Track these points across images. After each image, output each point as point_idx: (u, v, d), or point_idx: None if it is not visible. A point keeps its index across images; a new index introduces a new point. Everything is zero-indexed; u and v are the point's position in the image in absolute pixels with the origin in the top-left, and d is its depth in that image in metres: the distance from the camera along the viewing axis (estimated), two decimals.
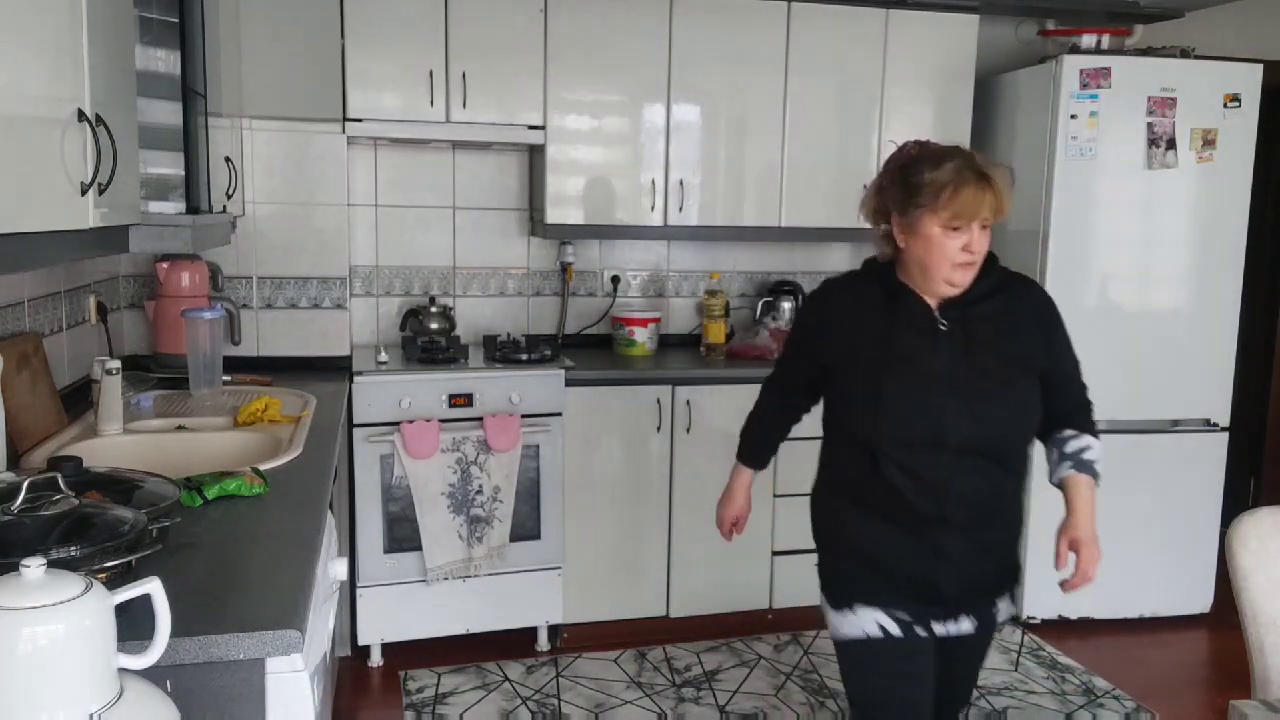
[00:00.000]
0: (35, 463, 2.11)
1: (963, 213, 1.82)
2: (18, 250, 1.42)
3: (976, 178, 1.82)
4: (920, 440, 1.89)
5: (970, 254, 1.86)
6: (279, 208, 3.43)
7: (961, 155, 1.86)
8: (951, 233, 1.85)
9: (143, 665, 1.11)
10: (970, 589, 1.98)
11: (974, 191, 1.82)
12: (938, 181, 1.83)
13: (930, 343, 1.91)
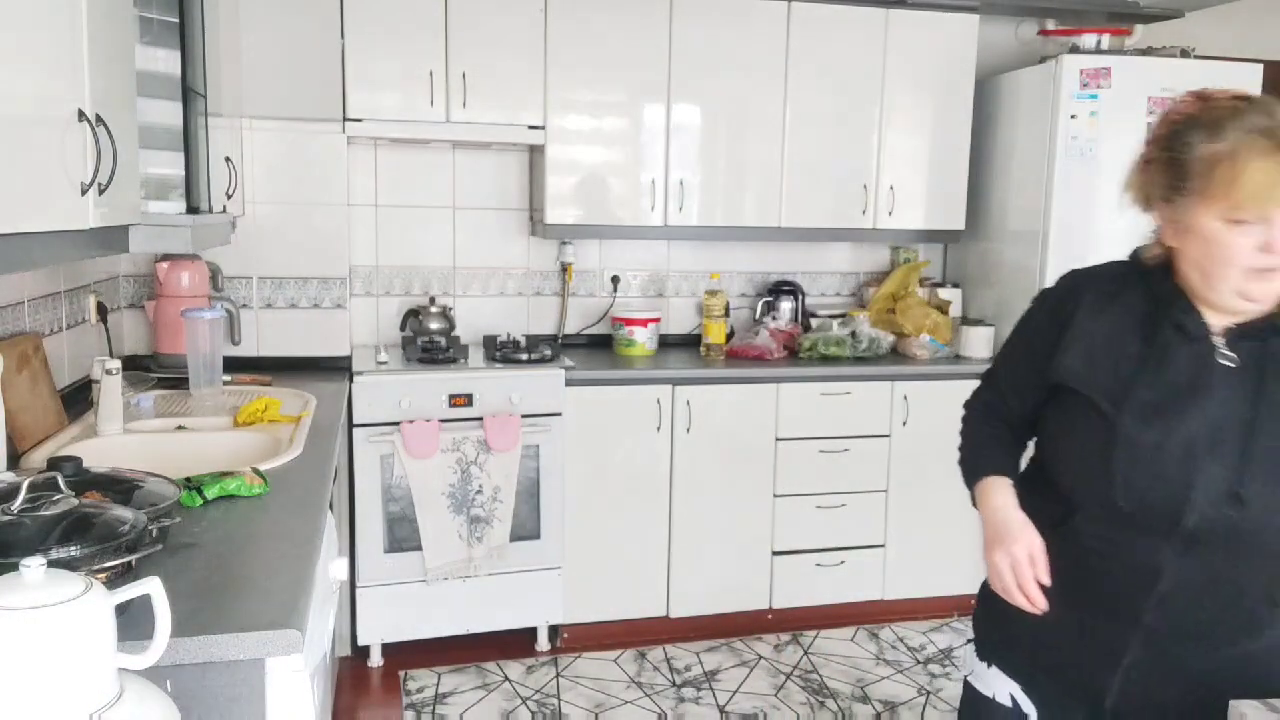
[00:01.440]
0: (35, 463, 2.11)
1: (1252, 198, 1.30)
2: (18, 250, 1.42)
3: (1275, 146, 1.32)
4: (1145, 512, 1.39)
5: (1273, 257, 1.30)
6: (279, 208, 3.43)
7: (1258, 110, 1.38)
8: (1238, 226, 1.32)
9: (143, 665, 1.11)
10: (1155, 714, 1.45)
11: (1269, 166, 1.30)
12: (1214, 155, 1.36)
13: (1203, 380, 1.38)
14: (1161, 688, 1.44)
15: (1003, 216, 4.02)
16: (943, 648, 3.62)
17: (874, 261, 4.39)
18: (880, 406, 3.79)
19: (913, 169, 3.96)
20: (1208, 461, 1.35)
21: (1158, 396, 1.39)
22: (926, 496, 3.87)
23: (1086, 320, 1.52)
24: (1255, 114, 1.37)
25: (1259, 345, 1.38)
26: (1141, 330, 1.44)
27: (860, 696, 3.26)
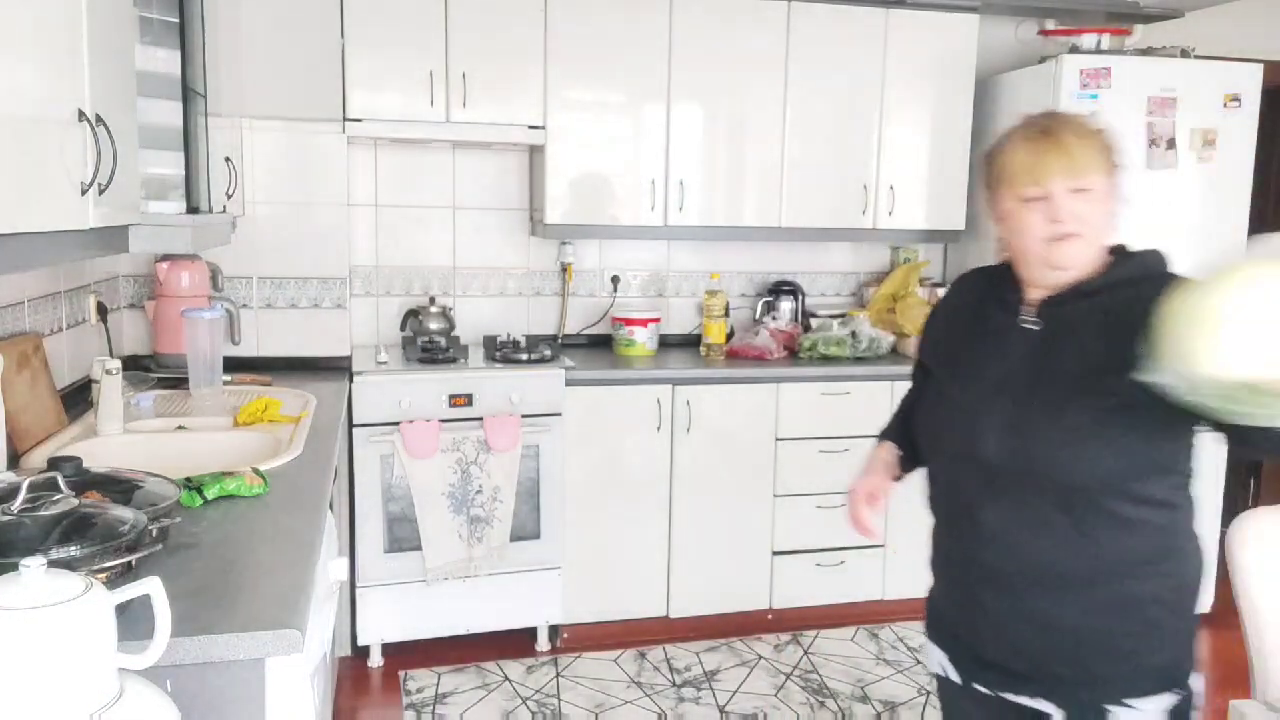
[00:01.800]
0: (35, 463, 2.11)
1: (1021, 175, 1.53)
2: (18, 250, 1.42)
3: (1038, 135, 1.55)
4: (955, 454, 1.63)
5: (1058, 224, 1.53)
6: (279, 208, 3.43)
7: (1041, 116, 1.60)
8: (1029, 204, 1.54)
9: (143, 665, 1.11)
10: (1030, 662, 1.61)
11: (1032, 148, 1.54)
12: (1001, 148, 1.59)
13: (1007, 342, 1.61)
14: (1022, 636, 1.59)
15: None
16: None
17: (874, 261, 4.39)
18: (880, 406, 3.78)
19: (913, 169, 3.96)
20: (996, 403, 1.56)
21: (972, 359, 1.65)
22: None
23: (947, 308, 1.82)
24: (1037, 117, 1.61)
25: (1058, 309, 1.58)
26: (978, 310, 1.69)
27: (860, 696, 3.26)
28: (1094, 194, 1.56)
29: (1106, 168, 1.59)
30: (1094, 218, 1.56)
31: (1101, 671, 1.56)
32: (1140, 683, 1.56)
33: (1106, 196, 1.59)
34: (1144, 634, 1.56)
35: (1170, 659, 1.59)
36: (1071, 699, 1.58)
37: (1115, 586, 1.54)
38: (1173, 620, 1.59)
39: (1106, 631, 1.55)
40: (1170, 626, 1.59)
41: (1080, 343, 1.53)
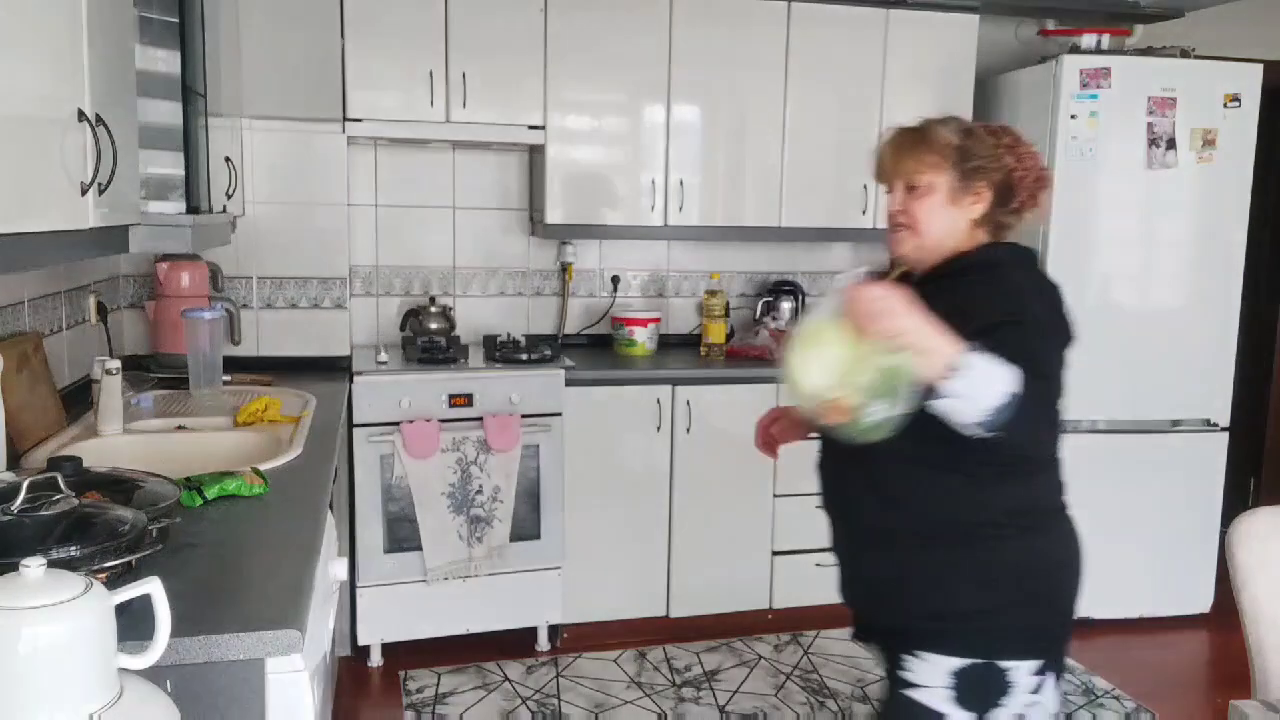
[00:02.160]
0: (35, 463, 2.11)
1: (880, 172, 1.80)
2: (18, 250, 1.42)
3: (896, 136, 1.77)
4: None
5: (890, 214, 1.79)
6: (279, 208, 3.43)
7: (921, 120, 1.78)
8: (888, 195, 1.81)
9: (143, 665, 1.11)
10: (864, 614, 1.84)
11: (888, 149, 1.77)
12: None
13: None
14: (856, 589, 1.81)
15: None
16: None
17: (874, 261, 4.39)
18: None
19: None
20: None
21: None
22: None
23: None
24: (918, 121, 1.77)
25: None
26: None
27: (860, 696, 3.26)
28: (927, 193, 1.72)
29: (950, 172, 1.70)
30: (922, 215, 1.73)
31: (902, 622, 1.72)
32: (932, 639, 1.68)
33: (946, 198, 1.72)
34: (942, 594, 1.67)
35: (973, 626, 1.66)
36: (886, 647, 1.79)
37: (917, 546, 1.68)
38: (986, 593, 1.66)
39: (907, 585, 1.70)
40: (982, 598, 1.66)
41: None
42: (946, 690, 1.67)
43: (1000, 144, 1.72)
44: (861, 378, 1.51)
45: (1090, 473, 3.84)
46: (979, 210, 1.72)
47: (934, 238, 1.73)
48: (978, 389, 1.47)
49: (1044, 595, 1.71)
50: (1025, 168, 1.72)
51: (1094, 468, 3.85)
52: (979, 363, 1.47)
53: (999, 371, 1.48)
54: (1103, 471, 3.86)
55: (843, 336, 1.53)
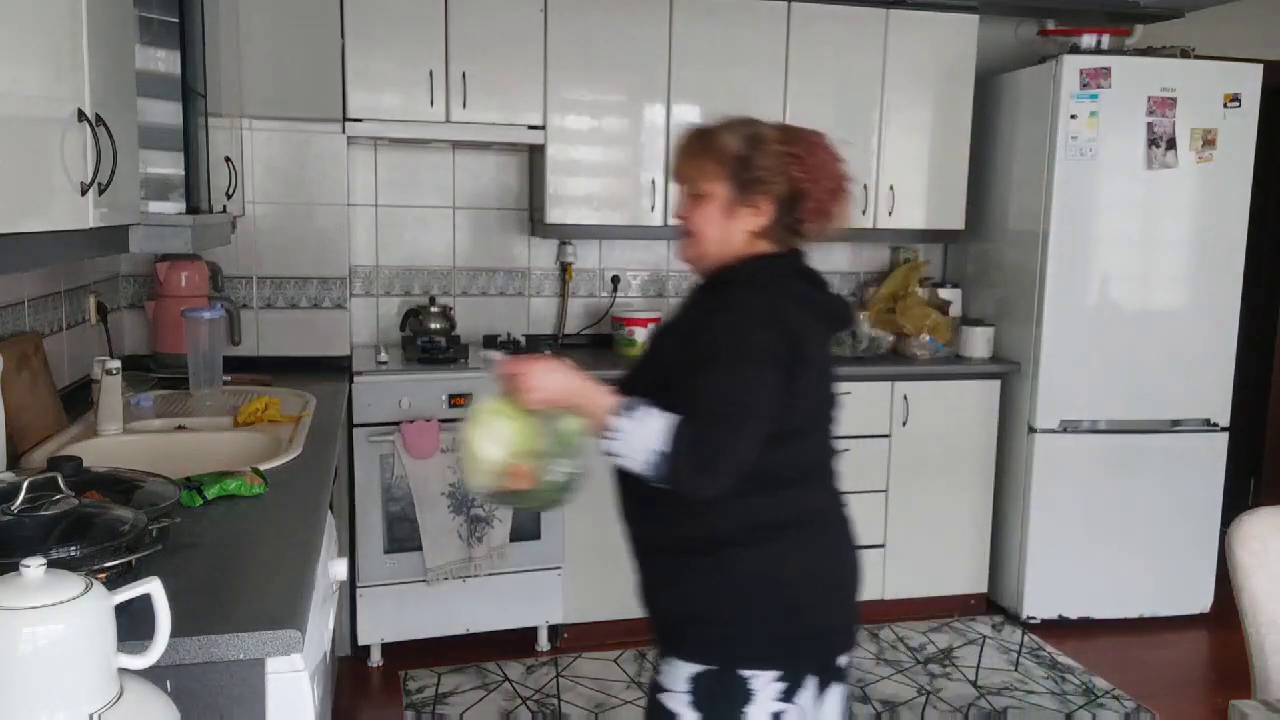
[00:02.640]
0: (35, 463, 2.11)
1: (672, 172, 1.79)
2: (18, 250, 1.42)
3: (685, 138, 1.74)
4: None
5: (678, 219, 1.75)
6: (279, 208, 3.43)
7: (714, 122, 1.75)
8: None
9: (143, 665, 1.11)
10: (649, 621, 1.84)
11: (676, 150, 1.75)
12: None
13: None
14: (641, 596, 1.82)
15: (1003, 216, 4.02)
16: (943, 648, 3.62)
17: (874, 261, 4.39)
18: (880, 406, 3.79)
19: (913, 169, 3.96)
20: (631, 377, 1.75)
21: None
22: (926, 496, 3.87)
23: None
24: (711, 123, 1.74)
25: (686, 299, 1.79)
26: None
27: (860, 696, 3.26)
28: (705, 201, 1.69)
29: (728, 182, 1.67)
30: (699, 222, 1.70)
31: (655, 626, 1.80)
32: (674, 645, 1.74)
33: (723, 206, 1.68)
34: (680, 603, 1.72)
35: (714, 633, 1.67)
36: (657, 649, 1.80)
37: (663, 553, 1.74)
38: (725, 603, 1.67)
39: (655, 594, 1.78)
40: (721, 609, 1.67)
41: (671, 325, 1.78)
42: (685, 695, 1.69)
43: (789, 154, 1.66)
44: (535, 444, 1.60)
45: (1090, 473, 3.87)
46: (757, 223, 1.69)
47: (710, 246, 1.71)
48: (631, 448, 1.56)
49: (784, 606, 1.68)
50: (814, 179, 1.68)
51: (1094, 468, 3.86)
52: (629, 425, 1.55)
53: (650, 431, 1.54)
54: (1103, 471, 3.86)
55: (512, 410, 1.62)
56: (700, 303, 1.72)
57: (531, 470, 1.61)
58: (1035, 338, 3.80)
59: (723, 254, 1.71)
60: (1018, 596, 3.91)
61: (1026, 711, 3.18)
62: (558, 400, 1.60)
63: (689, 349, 1.63)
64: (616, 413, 1.57)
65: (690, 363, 1.60)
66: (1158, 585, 3.96)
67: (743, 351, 1.60)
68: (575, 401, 1.60)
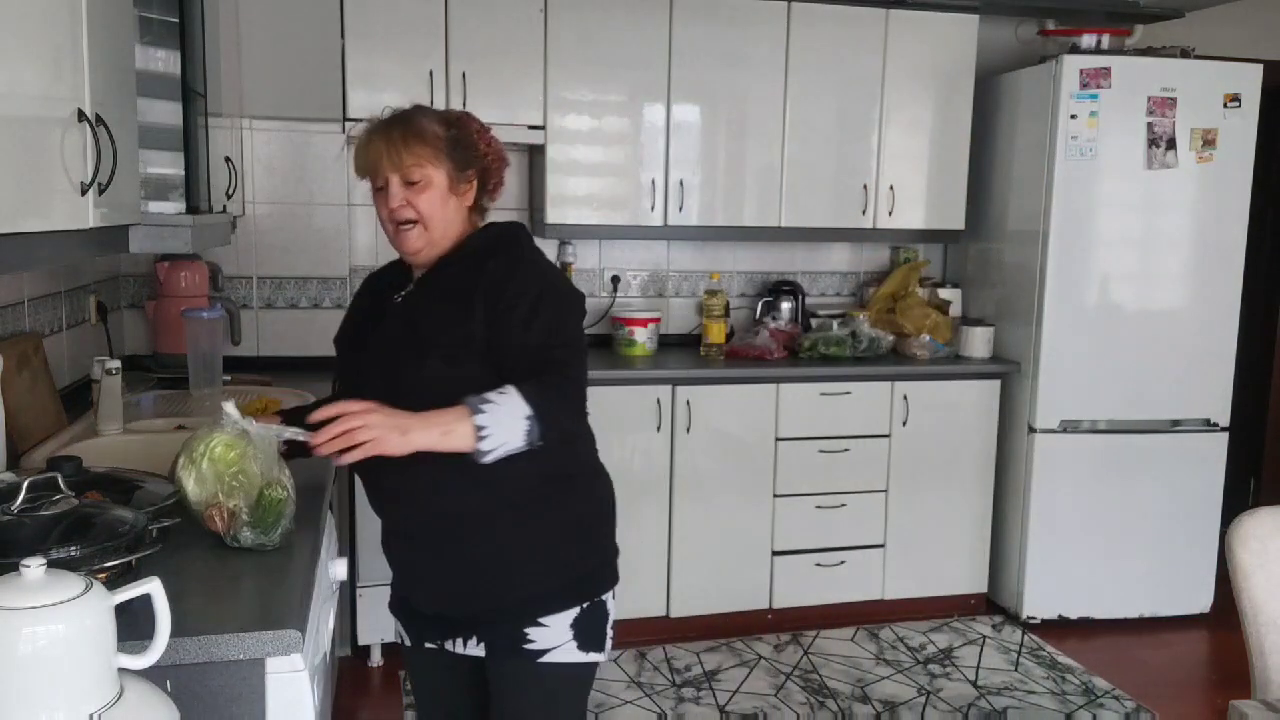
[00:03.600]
0: (35, 463, 2.11)
1: (364, 169, 1.72)
2: (18, 250, 1.42)
3: (380, 129, 1.70)
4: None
5: (394, 211, 1.69)
6: (279, 208, 3.43)
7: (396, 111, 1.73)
8: (380, 194, 1.72)
9: (143, 665, 1.11)
10: (457, 607, 1.76)
11: (370, 143, 1.69)
12: (357, 142, 1.74)
13: (385, 318, 1.78)
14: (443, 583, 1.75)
15: (1003, 216, 4.02)
16: (943, 648, 3.62)
17: (874, 261, 4.39)
18: (880, 406, 3.79)
19: (913, 169, 3.96)
20: (373, 371, 1.72)
21: (362, 339, 1.82)
22: (926, 496, 3.87)
23: (355, 303, 1.98)
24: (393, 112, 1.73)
25: (425, 282, 1.76)
26: (375, 299, 1.86)
27: (860, 696, 3.26)
28: (429, 186, 1.69)
29: (446, 163, 1.70)
30: (429, 208, 1.69)
31: (514, 599, 1.72)
32: (549, 603, 1.73)
33: (444, 191, 1.71)
34: (545, 560, 1.73)
35: (575, 577, 1.76)
36: (492, 631, 1.74)
37: (513, 520, 1.70)
38: (573, 543, 1.77)
39: (510, 562, 1.71)
40: (572, 549, 1.76)
41: (434, 308, 1.71)
42: (572, 642, 1.74)
43: (475, 130, 1.76)
44: (233, 500, 1.60)
45: (1090, 473, 3.87)
46: (471, 197, 1.75)
47: (441, 230, 1.72)
48: (505, 432, 1.54)
49: (607, 525, 1.86)
50: (494, 151, 1.78)
51: (1094, 468, 3.86)
52: (491, 411, 1.54)
53: (510, 403, 1.55)
54: (1103, 471, 3.86)
55: (224, 455, 1.61)
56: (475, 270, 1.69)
57: (224, 522, 1.60)
58: (1035, 338, 3.80)
59: (449, 236, 1.74)
60: (1017, 596, 3.91)
61: (1026, 711, 3.18)
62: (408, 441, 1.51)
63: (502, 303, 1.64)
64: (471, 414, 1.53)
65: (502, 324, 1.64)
66: (1158, 585, 3.96)
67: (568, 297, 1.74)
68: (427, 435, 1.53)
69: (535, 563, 1.73)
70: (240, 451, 1.62)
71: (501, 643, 1.74)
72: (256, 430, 1.65)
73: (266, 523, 1.61)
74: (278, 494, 1.61)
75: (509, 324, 1.64)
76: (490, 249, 1.74)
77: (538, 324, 1.65)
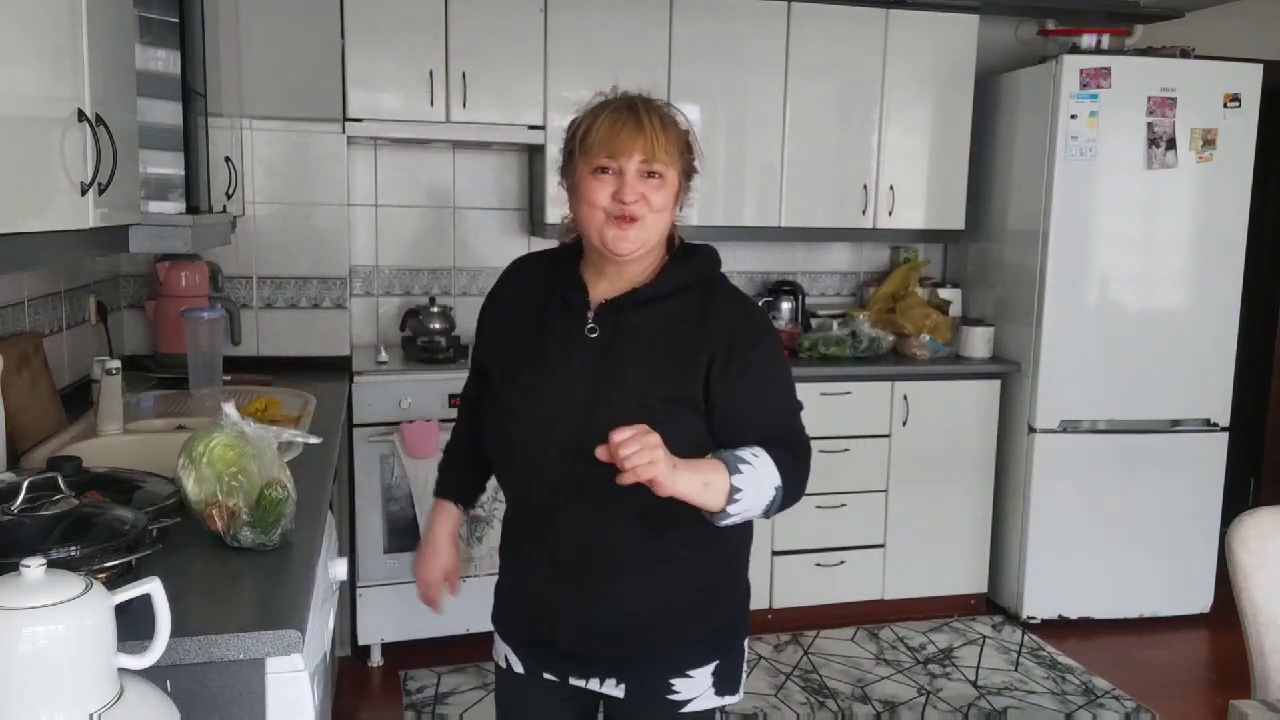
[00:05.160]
0: (35, 463, 2.11)
1: (602, 143, 1.51)
2: (18, 250, 1.42)
3: (625, 108, 1.56)
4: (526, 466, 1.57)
5: (622, 203, 1.49)
6: (279, 208, 3.43)
7: (634, 96, 1.62)
8: (600, 175, 1.51)
9: (143, 665, 1.11)
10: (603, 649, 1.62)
11: (617, 119, 1.53)
12: (584, 119, 1.58)
13: (570, 348, 1.56)
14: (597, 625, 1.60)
15: (1003, 216, 4.02)
16: (943, 648, 3.62)
17: (874, 261, 4.39)
18: (880, 406, 3.79)
19: (913, 169, 3.96)
20: (561, 415, 1.52)
21: (534, 365, 1.57)
22: (926, 496, 3.87)
23: (505, 302, 1.70)
24: (631, 96, 1.61)
25: (618, 316, 1.55)
26: (539, 306, 1.61)
27: (860, 696, 3.26)
28: (664, 182, 1.53)
29: (681, 163, 1.57)
30: (658, 204, 1.52)
31: (665, 648, 1.62)
32: (700, 652, 1.63)
33: (675, 191, 1.56)
34: (703, 605, 1.63)
35: (721, 625, 1.66)
36: (639, 676, 1.63)
37: (675, 569, 1.59)
38: (727, 588, 1.68)
39: (671, 609, 1.60)
40: (725, 594, 1.68)
41: (639, 351, 1.53)
42: (710, 690, 1.66)
43: (688, 134, 1.62)
44: (233, 499, 1.60)
45: (1090, 473, 3.87)
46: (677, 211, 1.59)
47: (656, 235, 1.54)
48: (755, 497, 1.46)
49: (746, 573, 1.74)
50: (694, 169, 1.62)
51: (1094, 468, 3.86)
52: (748, 474, 1.45)
53: (765, 470, 1.46)
54: (1103, 471, 3.86)
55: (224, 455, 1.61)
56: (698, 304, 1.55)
57: (223, 521, 1.60)
58: (1035, 338, 3.80)
59: (655, 246, 1.56)
60: (1018, 596, 3.91)
61: (1026, 711, 3.18)
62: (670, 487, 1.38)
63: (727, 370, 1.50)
64: (730, 473, 1.43)
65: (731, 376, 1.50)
66: (1158, 585, 3.96)
67: (781, 346, 1.61)
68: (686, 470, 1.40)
69: (690, 611, 1.62)
70: (240, 451, 1.62)
71: (646, 689, 1.63)
72: (254, 431, 1.65)
73: (266, 522, 1.61)
74: (278, 494, 1.61)
75: (754, 392, 1.51)
76: (697, 281, 1.57)
77: (776, 382, 1.54)
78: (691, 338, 1.52)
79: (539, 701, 1.74)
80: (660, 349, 1.53)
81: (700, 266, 1.59)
